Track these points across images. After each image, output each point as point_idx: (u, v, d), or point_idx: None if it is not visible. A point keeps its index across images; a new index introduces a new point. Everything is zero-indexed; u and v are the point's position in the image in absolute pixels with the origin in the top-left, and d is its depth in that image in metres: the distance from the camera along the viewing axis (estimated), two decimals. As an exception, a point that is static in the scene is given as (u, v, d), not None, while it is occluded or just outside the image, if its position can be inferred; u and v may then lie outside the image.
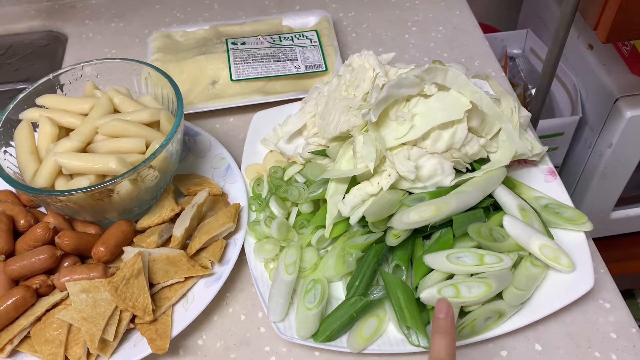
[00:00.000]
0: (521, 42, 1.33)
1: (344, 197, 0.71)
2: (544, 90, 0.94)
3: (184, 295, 0.69)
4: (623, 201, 1.23)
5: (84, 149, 0.72)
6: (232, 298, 0.71)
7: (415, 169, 0.68)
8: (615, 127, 1.05)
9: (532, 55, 1.31)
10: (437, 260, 0.64)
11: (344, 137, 0.76)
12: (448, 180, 0.70)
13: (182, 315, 0.67)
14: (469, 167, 0.74)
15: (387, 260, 0.69)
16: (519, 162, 0.78)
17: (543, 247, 0.65)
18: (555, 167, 1.29)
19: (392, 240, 0.65)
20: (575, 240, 0.70)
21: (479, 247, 0.67)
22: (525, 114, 0.79)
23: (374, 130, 0.70)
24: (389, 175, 0.69)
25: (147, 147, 0.71)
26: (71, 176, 0.71)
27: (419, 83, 0.69)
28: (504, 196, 0.71)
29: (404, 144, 0.70)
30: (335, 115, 0.75)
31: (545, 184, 0.77)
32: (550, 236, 0.69)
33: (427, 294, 0.61)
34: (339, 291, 0.69)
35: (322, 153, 0.77)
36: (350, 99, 0.75)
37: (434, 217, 0.65)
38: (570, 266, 0.66)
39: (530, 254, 0.67)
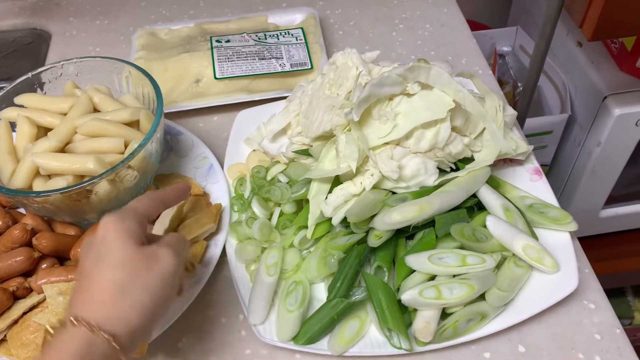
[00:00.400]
0: (511, 39, 1.32)
1: (326, 198, 0.70)
2: (531, 87, 0.93)
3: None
4: (612, 199, 1.22)
5: (63, 149, 0.70)
6: (213, 300, 0.70)
7: (398, 169, 0.67)
8: (604, 125, 1.04)
9: (521, 53, 1.30)
10: (419, 261, 0.63)
11: (328, 137, 0.75)
12: (431, 180, 0.69)
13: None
14: (453, 167, 0.73)
15: (369, 261, 0.68)
16: (504, 162, 0.78)
17: (527, 247, 0.65)
18: (544, 165, 1.29)
19: (374, 241, 0.65)
20: (559, 240, 0.69)
21: (461, 247, 0.66)
22: (511, 112, 0.78)
23: (357, 130, 0.69)
24: (372, 175, 0.68)
25: (126, 147, 0.70)
26: (49, 177, 0.70)
27: (402, 82, 0.68)
28: (487, 196, 0.70)
29: (386, 143, 0.69)
30: (319, 114, 0.74)
31: (530, 183, 0.76)
32: (535, 236, 0.68)
33: (409, 296, 0.61)
34: (321, 293, 0.68)
35: (306, 152, 0.76)
36: (334, 97, 0.74)
37: (416, 217, 0.65)
38: (555, 267, 0.65)
39: (513, 254, 0.66)
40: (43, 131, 0.74)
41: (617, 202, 1.24)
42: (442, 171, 0.71)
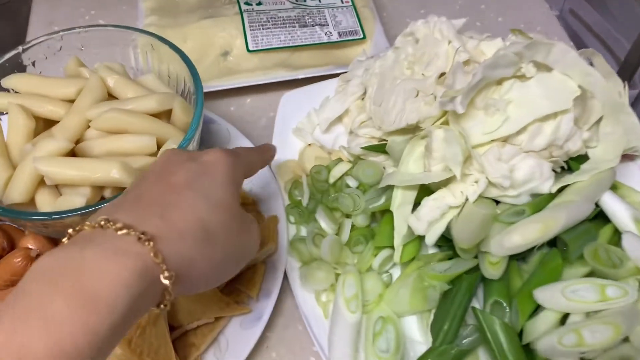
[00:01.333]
0: (559, 2, 1.17)
1: (412, 209, 0.55)
2: (631, 70, 0.79)
3: (215, 340, 0.53)
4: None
5: (72, 150, 0.54)
6: (275, 339, 0.56)
7: (510, 173, 0.53)
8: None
9: (571, 18, 1.15)
10: (551, 296, 0.50)
11: (407, 129, 0.59)
12: (547, 185, 0.55)
13: (214, 368, 0.51)
14: (565, 166, 0.59)
15: (475, 295, 0.54)
16: (612, 156, 0.64)
17: (672, 271, 0.52)
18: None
19: (491, 270, 0.51)
20: (695, 256, 0.56)
21: (590, 273, 0.53)
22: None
23: (456, 124, 0.54)
24: (476, 182, 0.54)
25: (157, 146, 0.54)
26: (56, 185, 0.53)
27: (517, 62, 0.53)
28: (613, 205, 0.56)
29: (492, 140, 0.54)
30: (398, 102, 0.59)
31: (646, 182, 0.62)
32: (674, 255, 0.55)
33: (546, 345, 0.48)
34: (409, 329, 0.55)
35: (380, 149, 0.61)
36: (419, 80, 0.58)
37: (540, 237, 0.51)
38: (703, 293, 0.52)
39: (650, 278, 0.53)
40: (42, 124, 0.57)
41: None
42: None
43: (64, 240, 0.36)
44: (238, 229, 0.42)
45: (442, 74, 0.57)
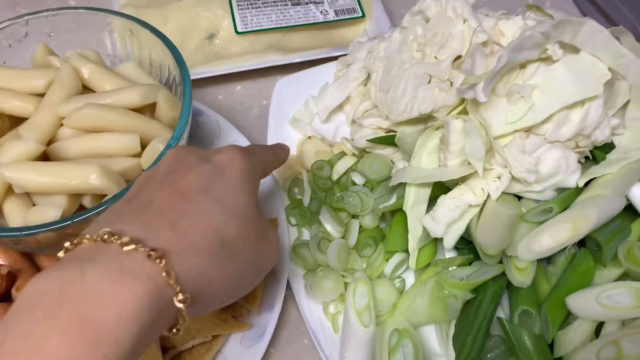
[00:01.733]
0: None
1: (427, 209, 0.50)
2: None
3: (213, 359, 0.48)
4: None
5: (44, 153, 0.47)
6: (278, 355, 0.51)
7: (536, 167, 0.48)
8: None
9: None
10: (585, 303, 0.45)
11: (417, 119, 0.54)
12: (573, 179, 0.50)
13: (213, 391, 0.46)
14: (589, 156, 0.54)
15: (500, 302, 0.49)
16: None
17: None
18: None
19: (519, 277, 0.46)
20: None
21: (624, 273, 0.49)
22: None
23: (476, 113, 0.49)
24: (499, 178, 0.49)
25: (142, 146, 0.48)
26: (27, 194, 0.47)
27: (543, 43, 0.48)
28: (644, 197, 0.51)
29: (516, 130, 0.49)
30: (408, 89, 0.53)
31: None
32: None
33: (585, 359, 0.43)
34: (426, 340, 0.50)
35: (389, 141, 0.55)
36: (431, 64, 0.52)
37: (571, 238, 0.46)
38: None
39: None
40: (8, 122, 0.51)
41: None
42: (578, 164, 0.52)
43: (60, 254, 0.31)
44: (256, 238, 0.37)
45: (458, 57, 0.52)
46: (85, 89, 0.52)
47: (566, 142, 0.50)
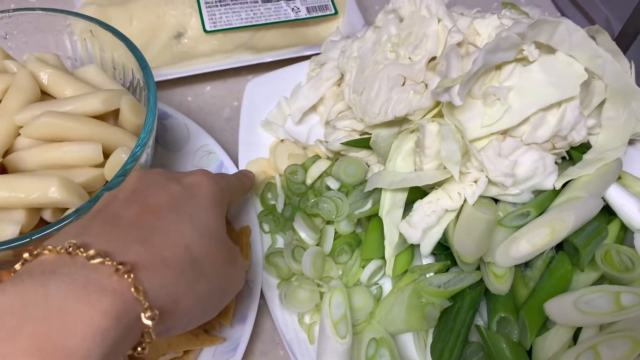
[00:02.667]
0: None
1: (404, 214, 0.49)
2: (629, 38, 0.73)
3: (184, 376, 0.46)
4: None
5: (0, 165, 0.45)
6: (254, 368, 0.49)
7: (512, 170, 0.47)
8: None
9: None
10: (563, 309, 0.44)
11: (393, 121, 0.53)
12: (550, 181, 0.50)
13: (185, 408, 0.45)
14: (566, 157, 0.53)
15: (478, 309, 0.48)
16: (611, 141, 0.59)
17: (687, 273, 0.47)
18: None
19: (497, 284, 0.45)
20: None
21: (601, 277, 0.48)
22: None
23: (452, 116, 0.47)
24: (475, 182, 0.48)
25: (105, 156, 0.46)
26: (-18, 207, 0.44)
27: (519, 44, 0.47)
28: (621, 198, 0.51)
29: (492, 133, 0.48)
30: (382, 90, 0.52)
31: (648, 169, 0.58)
32: (687, 252, 0.51)
33: (564, 369, 0.42)
34: (404, 348, 0.49)
35: (364, 144, 0.54)
36: (406, 65, 0.51)
37: (549, 243, 0.46)
38: None
39: (661, 280, 0.49)
40: (-38, 131, 0.48)
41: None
42: (554, 165, 0.52)
43: (17, 267, 0.29)
44: (225, 260, 0.37)
45: (433, 58, 0.50)
46: (44, 94, 0.49)
47: (543, 144, 0.49)
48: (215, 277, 0.35)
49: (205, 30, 0.64)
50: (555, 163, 0.52)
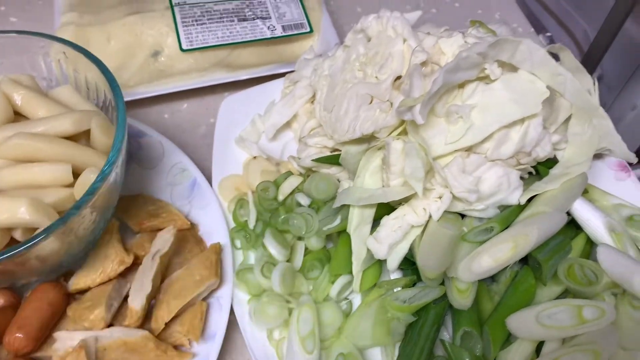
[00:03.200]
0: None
1: (372, 229, 0.50)
2: (604, 46, 0.75)
3: (154, 392, 0.47)
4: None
5: (-28, 185, 0.46)
6: (224, 384, 0.50)
7: (476, 186, 0.48)
8: (643, 86, 0.88)
9: (534, 3, 1.11)
10: (525, 325, 0.45)
11: (364, 139, 0.54)
12: (515, 196, 0.51)
13: None
14: (533, 172, 0.54)
15: (444, 323, 0.49)
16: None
17: (651, 285, 0.48)
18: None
19: (460, 299, 0.46)
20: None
21: (564, 291, 0.49)
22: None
23: (416, 134, 0.48)
24: (440, 198, 0.49)
25: (75, 175, 0.46)
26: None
27: (480, 63, 0.48)
28: (586, 212, 0.52)
29: (456, 150, 0.49)
30: (350, 108, 0.53)
31: (616, 183, 0.59)
32: (650, 264, 0.51)
33: (524, 382, 0.43)
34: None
35: (334, 161, 0.54)
36: (373, 84, 0.52)
37: (512, 257, 0.47)
38: (682, 305, 0.49)
39: (624, 292, 0.49)
40: (-64, 152, 0.49)
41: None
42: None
43: None
44: None
45: (398, 77, 0.51)
46: (18, 115, 0.50)
47: (507, 160, 0.50)
48: None
49: (181, 49, 0.65)
50: (522, 178, 0.53)
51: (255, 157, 0.58)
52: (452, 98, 0.49)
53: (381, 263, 0.51)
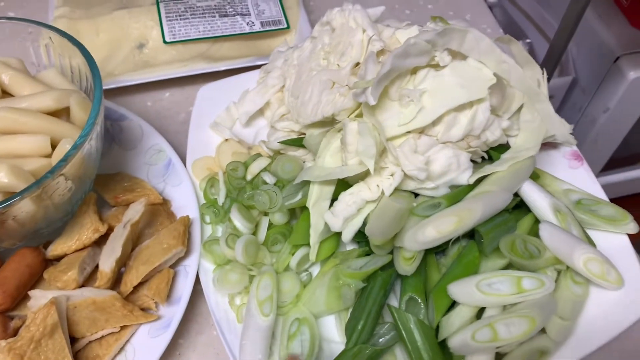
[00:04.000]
0: (496, -11, 1.17)
1: (331, 205, 0.53)
2: (560, 50, 0.79)
3: (122, 349, 0.50)
4: (607, 166, 1.12)
5: (-42, 154, 0.50)
6: (187, 346, 0.53)
7: (426, 165, 0.52)
8: (614, 89, 0.92)
9: (510, 5, 1.15)
10: (465, 291, 0.49)
11: (326, 122, 0.57)
12: (465, 176, 0.54)
13: (120, 380, 0.49)
14: (485, 156, 0.58)
15: (393, 290, 0.52)
16: (537, 145, 0.63)
17: (589, 261, 0.51)
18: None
19: (404, 266, 0.49)
20: (614, 244, 0.56)
21: (508, 264, 0.52)
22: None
23: (371, 115, 0.52)
24: (392, 175, 0.52)
25: (53, 146, 0.51)
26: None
27: (430, 50, 0.52)
28: (532, 194, 0.55)
29: (408, 132, 0.53)
30: (314, 94, 0.57)
31: (570, 171, 0.62)
32: (592, 244, 0.55)
33: (459, 342, 0.46)
34: (329, 330, 0.53)
35: (298, 143, 0.58)
36: (334, 71, 0.56)
37: (456, 230, 0.50)
38: (620, 282, 0.52)
39: (568, 268, 0.53)
40: None
41: (612, 169, 1.14)
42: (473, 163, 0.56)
43: None
44: None
45: (357, 64, 0.55)
46: (6, 94, 0.55)
47: (458, 143, 0.54)
48: None
49: (165, 42, 0.70)
50: (475, 162, 0.57)
51: (227, 140, 0.62)
52: (405, 83, 0.53)
53: (338, 237, 0.54)
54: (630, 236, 0.57)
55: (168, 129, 0.67)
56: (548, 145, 0.64)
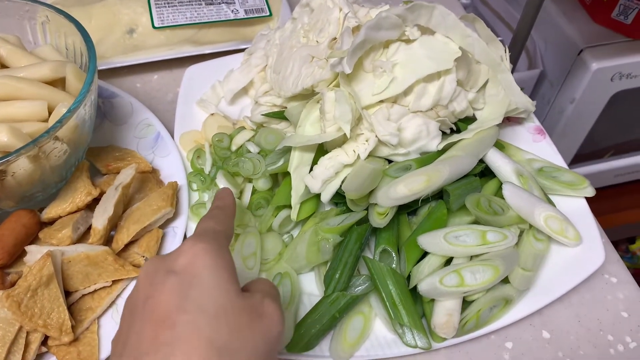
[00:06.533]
0: (469, -10, 1.23)
1: (311, 169, 0.57)
2: (522, 39, 0.84)
3: (113, 303, 0.53)
4: (576, 159, 1.18)
5: (-40, 118, 0.53)
6: (176, 301, 0.56)
7: (398, 132, 0.56)
8: (579, 81, 0.97)
9: (482, 5, 1.21)
10: (433, 242, 0.53)
11: (306, 95, 0.62)
12: (434, 143, 0.58)
13: (112, 330, 0.51)
14: (454, 128, 0.62)
15: (368, 245, 0.56)
16: (503, 120, 0.68)
17: (549, 218, 0.55)
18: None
19: (378, 220, 0.53)
20: (574, 207, 0.61)
21: (475, 222, 0.57)
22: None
23: (347, 85, 0.56)
24: (367, 141, 0.56)
25: (50, 113, 0.54)
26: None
27: (400, 25, 0.56)
28: (497, 160, 0.60)
29: (382, 101, 0.57)
30: (294, 68, 0.61)
31: (533, 144, 0.67)
32: (552, 204, 0.59)
33: (428, 285, 0.50)
34: (309, 285, 0.56)
35: (279, 115, 0.62)
36: (313, 46, 0.60)
37: (425, 189, 0.54)
38: (578, 239, 0.57)
39: (531, 226, 0.57)
40: None
41: (581, 162, 1.20)
42: (442, 133, 0.60)
43: None
44: (249, 321, 0.35)
45: (334, 39, 0.60)
46: (4, 66, 0.58)
47: (427, 112, 0.58)
48: (248, 346, 0.34)
49: (154, 27, 0.74)
50: (445, 133, 0.61)
51: (212, 115, 0.66)
52: (378, 55, 0.57)
53: (317, 199, 0.58)
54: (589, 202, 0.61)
55: (157, 108, 0.70)
56: (513, 120, 0.69)
